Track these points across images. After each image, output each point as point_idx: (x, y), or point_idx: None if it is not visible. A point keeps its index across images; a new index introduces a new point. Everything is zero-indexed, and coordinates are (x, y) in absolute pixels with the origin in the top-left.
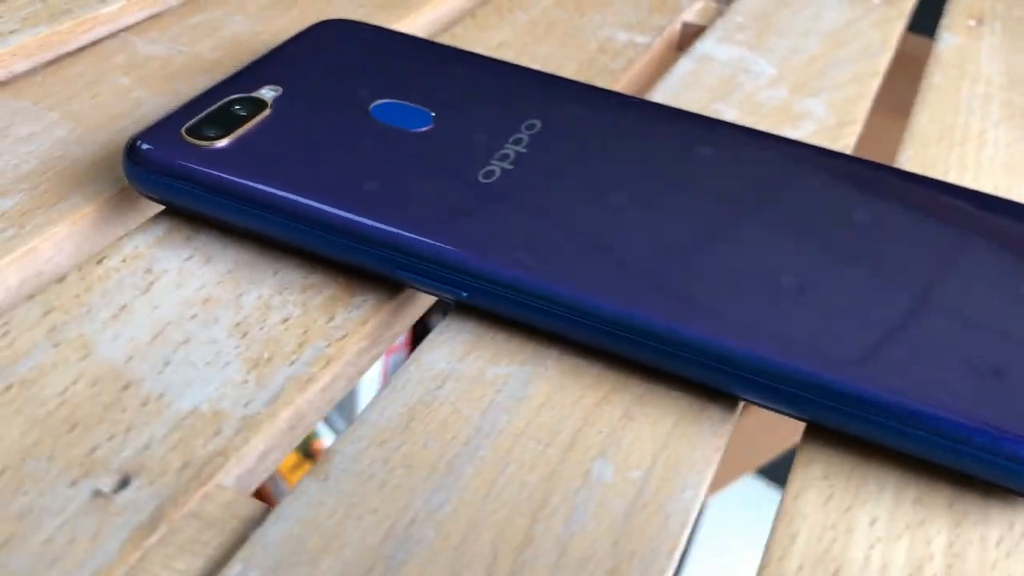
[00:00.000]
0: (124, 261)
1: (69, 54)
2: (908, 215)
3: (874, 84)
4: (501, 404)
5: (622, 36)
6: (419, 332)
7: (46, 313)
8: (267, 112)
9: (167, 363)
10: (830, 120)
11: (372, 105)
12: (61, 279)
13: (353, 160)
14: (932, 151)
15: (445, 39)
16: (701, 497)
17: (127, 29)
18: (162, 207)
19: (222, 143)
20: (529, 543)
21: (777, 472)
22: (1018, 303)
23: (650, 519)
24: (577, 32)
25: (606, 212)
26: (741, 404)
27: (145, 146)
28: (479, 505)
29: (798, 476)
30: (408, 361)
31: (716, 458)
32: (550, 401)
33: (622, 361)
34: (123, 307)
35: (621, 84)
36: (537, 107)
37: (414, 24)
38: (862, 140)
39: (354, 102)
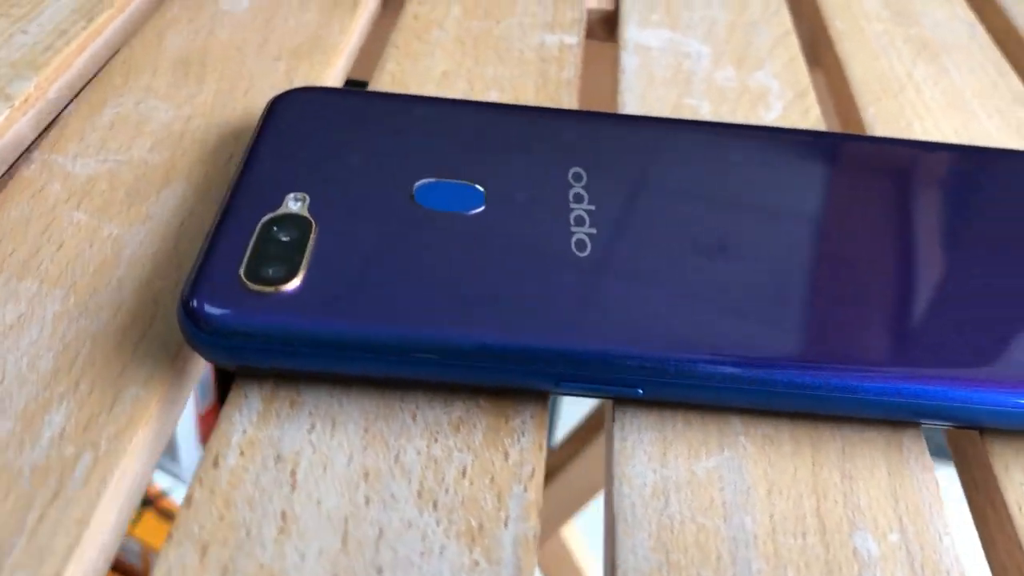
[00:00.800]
0: (243, 455)
1: None
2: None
3: (794, 42)
4: (734, 504)
5: (550, 39)
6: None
7: (204, 551)
8: (315, 231)
9: (380, 570)
10: (788, 93)
11: (415, 189)
12: (188, 502)
13: (444, 267)
14: (887, 104)
15: (386, 80)
16: (956, 539)
17: (35, 148)
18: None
19: (294, 283)
20: None
21: None
22: None
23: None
24: (505, 43)
25: (722, 260)
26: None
27: (207, 307)
28: None
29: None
30: (612, 480)
31: (939, 491)
32: (774, 486)
33: (797, 415)
34: (283, 515)
35: (582, 93)
36: (569, 152)
37: (341, 69)
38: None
39: (392, 192)
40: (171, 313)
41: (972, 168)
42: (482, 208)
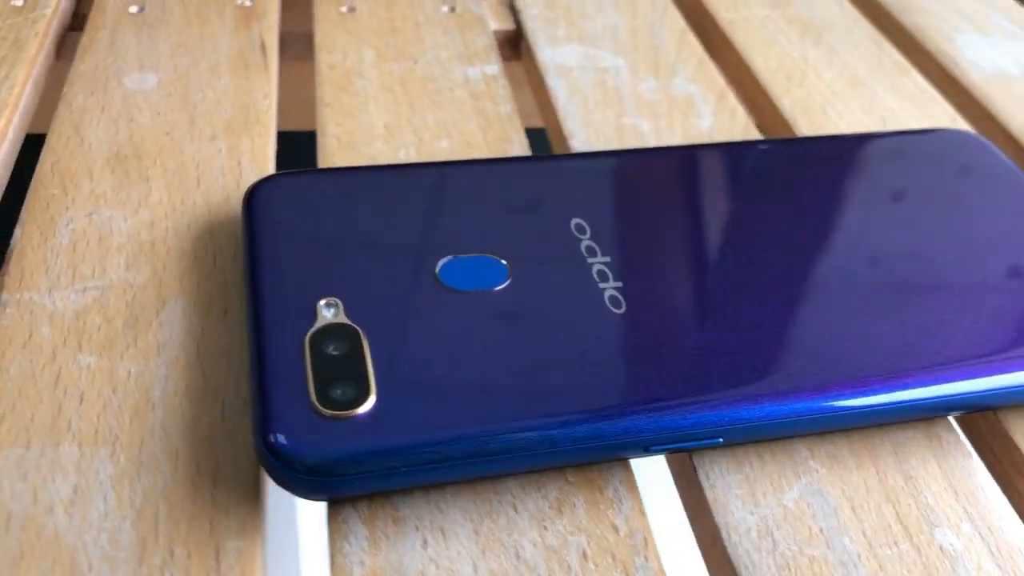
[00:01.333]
0: None
1: None
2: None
3: (693, 40)
4: (829, 528)
5: (472, 72)
6: None
7: None
8: (364, 339)
9: None
10: (711, 98)
11: (438, 270)
12: None
13: (506, 353)
14: (797, 94)
15: (332, 144)
16: (1009, 515)
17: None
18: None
19: (370, 402)
20: None
21: None
22: None
23: (1018, 562)
24: (432, 84)
25: (755, 287)
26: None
27: (290, 443)
28: None
29: None
30: (718, 530)
31: (982, 474)
32: (854, 502)
33: (859, 429)
34: None
35: (526, 125)
36: (564, 203)
37: (280, 139)
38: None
39: (416, 277)
40: (233, 451)
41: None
42: (508, 282)
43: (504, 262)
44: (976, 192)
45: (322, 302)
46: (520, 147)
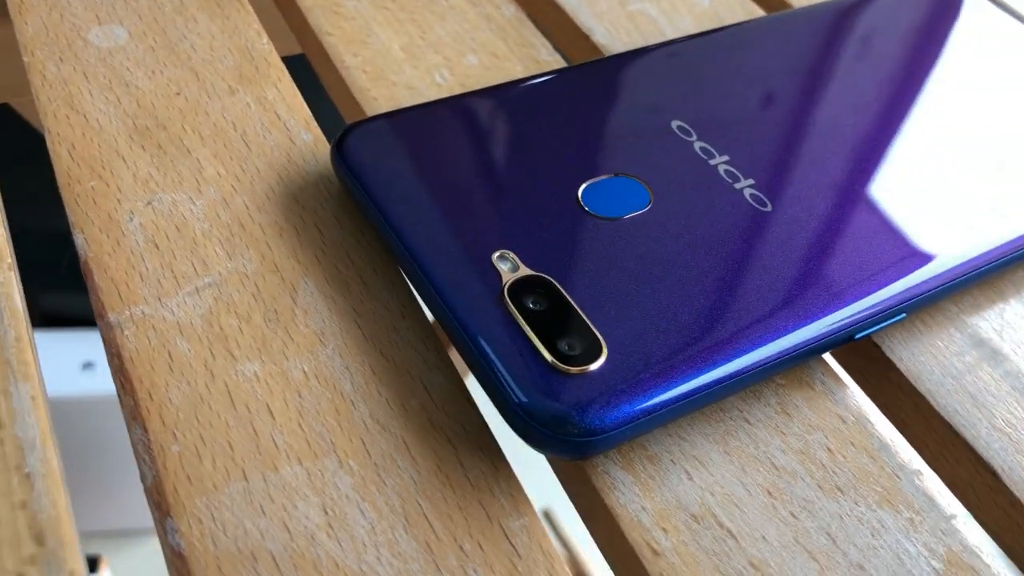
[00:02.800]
0: (668, 532)
1: None
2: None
3: None
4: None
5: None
6: None
7: None
8: (560, 286)
9: (861, 567)
10: None
11: (581, 199)
12: None
13: (701, 274)
14: None
15: (360, 78)
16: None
17: (96, 316)
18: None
19: (603, 354)
20: None
21: None
22: None
23: None
24: (463, 14)
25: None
26: None
27: (544, 405)
28: None
29: None
30: (937, 385)
31: None
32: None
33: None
34: (751, 564)
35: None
36: (655, 109)
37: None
38: None
39: (564, 209)
40: (462, 428)
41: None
42: (651, 204)
43: (639, 181)
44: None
45: (495, 255)
46: (545, 49)
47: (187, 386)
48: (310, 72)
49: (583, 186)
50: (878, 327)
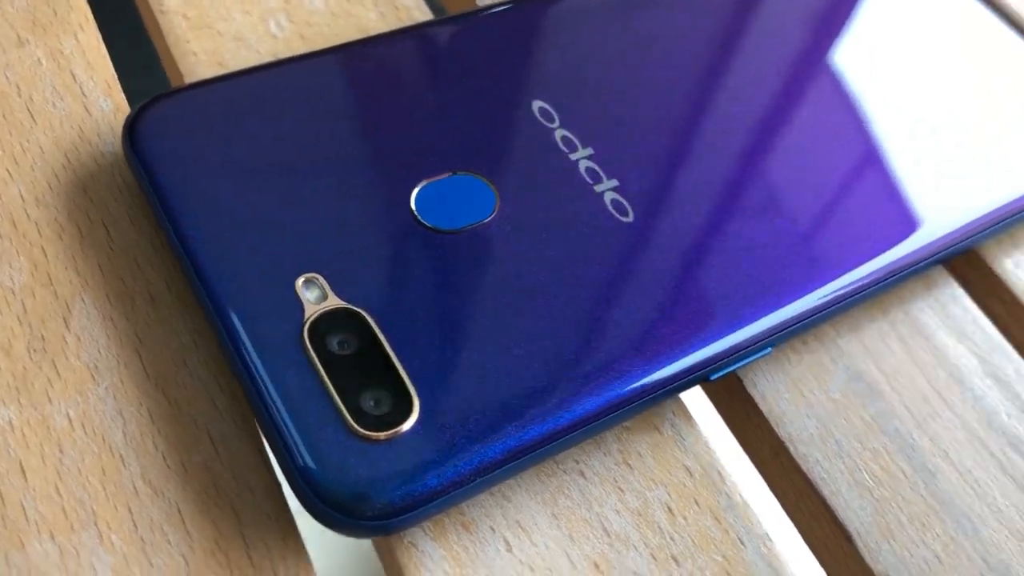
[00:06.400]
0: None
1: None
2: None
3: None
4: (879, 414)
5: None
6: None
7: None
8: (373, 325)
9: None
10: None
11: (414, 205)
12: None
13: (534, 311)
14: None
15: (180, 25)
16: None
17: None
18: None
19: (415, 412)
20: None
21: None
22: None
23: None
24: None
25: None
26: None
27: (335, 479)
28: None
29: None
30: (783, 444)
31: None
32: (888, 375)
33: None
34: None
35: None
36: (513, 83)
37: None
38: None
39: (393, 224)
40: (249, 492)
41: None
42: (497, 209)
43: (484, 180)
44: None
45: (300, 281)
46: None
47: None
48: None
49: (418, 188)
50: (738, 365)
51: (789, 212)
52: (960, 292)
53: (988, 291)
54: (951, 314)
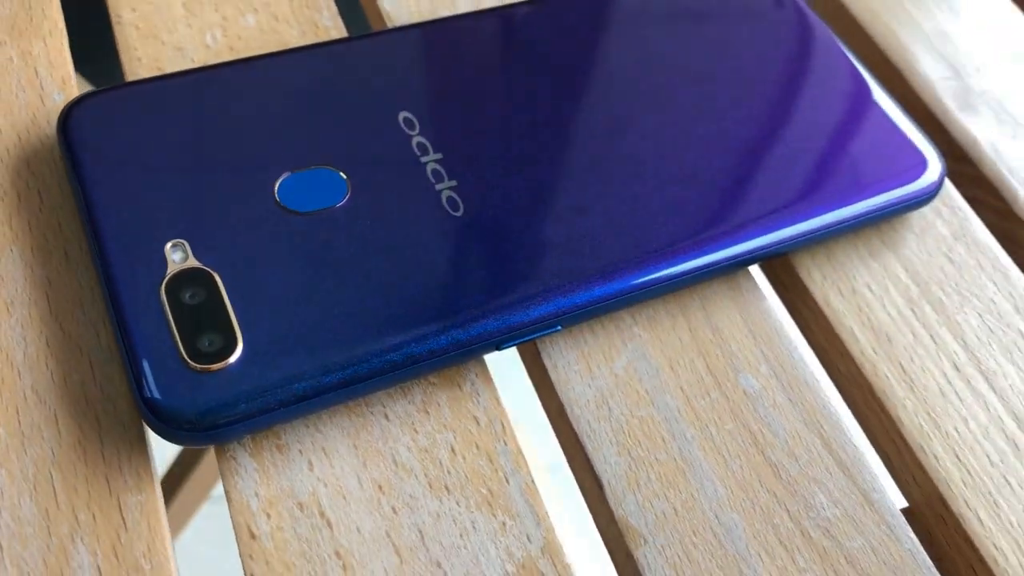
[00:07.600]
0: (271, 517)
1: None
2: None
3: None
4: (654, 388)
5: None
6: None
7: None
8: (220, 284)
9: (439, 564)
10: None
11: (277, 192)
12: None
13: (358, 274)
14: None
15: (131, 35)
16: (801, 346)
17: None
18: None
19: (238, 351)
20: None
21: None
22: None
23: (804, 393)
24: None
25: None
26: None
27: (169, 402)
28: None
29: None
30: (563, 407)
31: (775, 314)
32: (672, 360)
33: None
34: (337, 553)
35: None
36: (385, 94)
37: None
38: None
39: (257, 205)
40: (112, 404)
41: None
42: (347, 197)
43: (342, 175)
44: (762, 41)
45: (168, 245)
46: (328, 13)
47: None
48: None
49: (283, 177)
50: (525, 339)
51: (596, 212)
52: (764, 293)
53: (797, 295)
54: (750, 313)
